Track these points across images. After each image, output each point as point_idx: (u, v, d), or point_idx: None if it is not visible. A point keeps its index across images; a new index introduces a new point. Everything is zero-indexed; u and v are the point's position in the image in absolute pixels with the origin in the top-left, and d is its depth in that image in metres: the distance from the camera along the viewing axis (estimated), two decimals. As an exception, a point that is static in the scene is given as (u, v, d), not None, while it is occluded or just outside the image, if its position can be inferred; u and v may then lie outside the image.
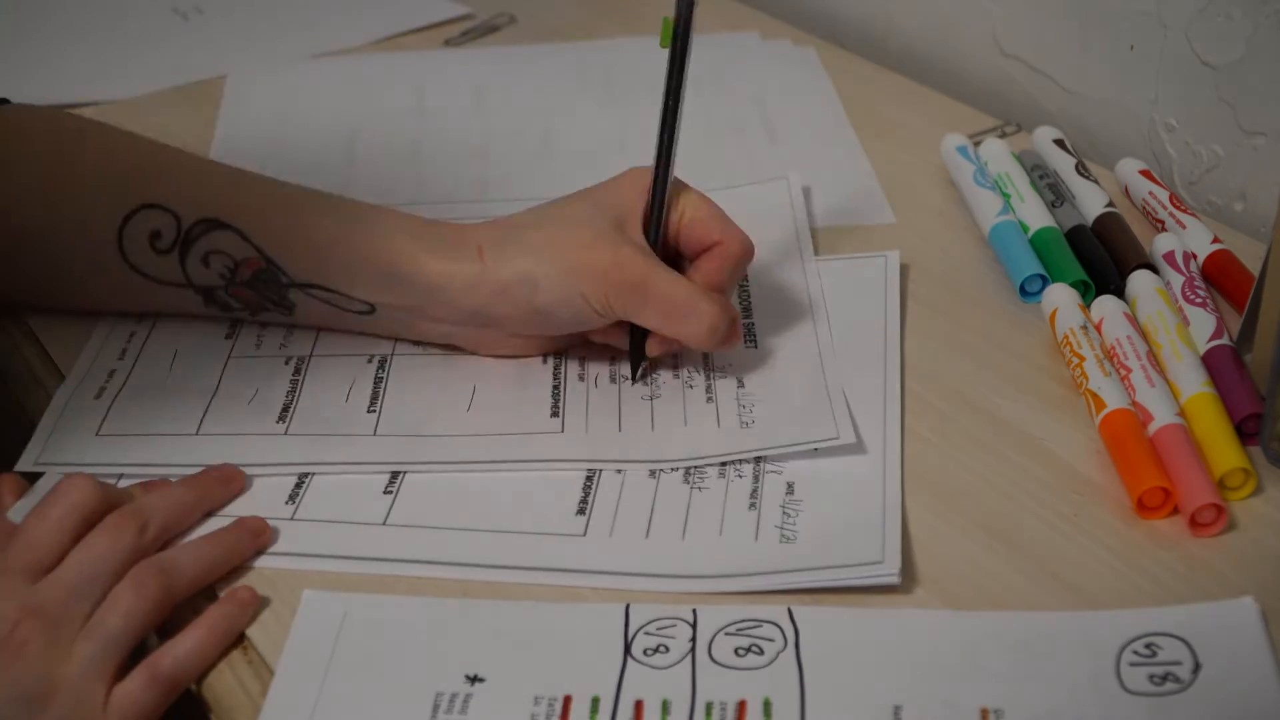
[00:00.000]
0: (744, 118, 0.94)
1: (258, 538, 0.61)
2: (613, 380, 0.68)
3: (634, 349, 0.68)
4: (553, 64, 1.03)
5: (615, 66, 1.02)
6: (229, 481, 0.63)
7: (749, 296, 0.73)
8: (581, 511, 0.62)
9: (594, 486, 0.63)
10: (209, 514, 0.62)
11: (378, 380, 0.69)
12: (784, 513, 0.61)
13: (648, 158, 0.78)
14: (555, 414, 0.66)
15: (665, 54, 0.65)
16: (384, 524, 0.62)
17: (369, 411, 0.67)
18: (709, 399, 0.67)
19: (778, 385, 0.67)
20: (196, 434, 0.66)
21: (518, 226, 0.68)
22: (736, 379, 0.68)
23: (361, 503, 0.63)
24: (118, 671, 0.55)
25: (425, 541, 0.61)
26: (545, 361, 0.69)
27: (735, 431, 0.65)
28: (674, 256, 0.68)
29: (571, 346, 0.71)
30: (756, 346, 0.70)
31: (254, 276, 0.69)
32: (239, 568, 0.60)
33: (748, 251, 0.68)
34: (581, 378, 0.68)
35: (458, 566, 0.60)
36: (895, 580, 0.57)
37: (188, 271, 0.69)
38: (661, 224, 0.67)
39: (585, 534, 0.61)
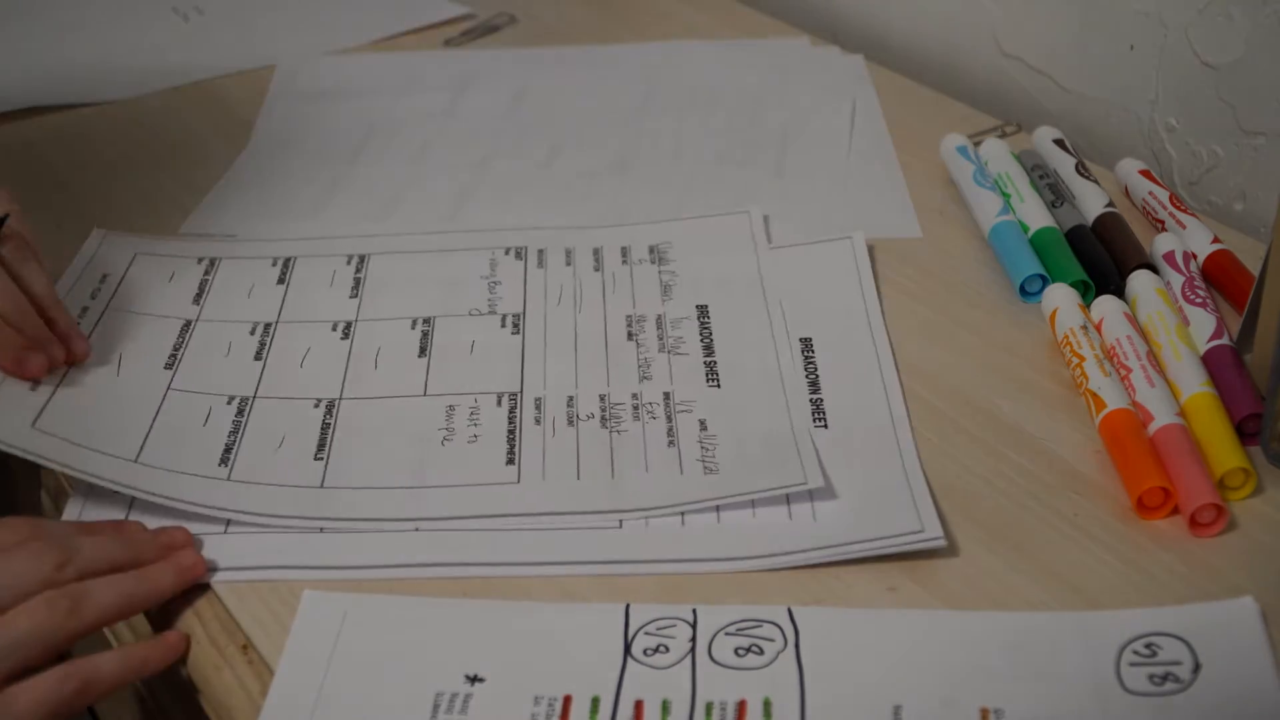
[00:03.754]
0: (784, 126, 0.94)
1: (187, 573, 0.59)
2: (570, 423, 0.66)
3: None
4: (565, 70, 1.03)
5: (626, 74, 1.02)
6: (172, 547, 0.60)
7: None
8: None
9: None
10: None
11: (325, 426, 0.67)
12: (811, 490, 0.62)
13: (650, 179, 0.78)
14: (511, 461, 0.65)
15: (675, 62, 0.64)
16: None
17: (316, 459, 0.65)
18: (670, 442, 0.65)
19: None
20: (135, 461, 0.64)
21: None
22: (699, 420, 0.66)
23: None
24: (11, 678, 0.54)
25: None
26: (500, 403, 0.68)
27: (699, 478, 0.63)
28: None
29: None
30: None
31: None
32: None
33: None
34: (538, 420, 0.67)
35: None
36: (943, 543, 0.58)
37: None
38: None
39: (620, 526, 0.62)
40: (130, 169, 0.90)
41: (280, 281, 0.78)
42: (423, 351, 0.72)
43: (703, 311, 0.74)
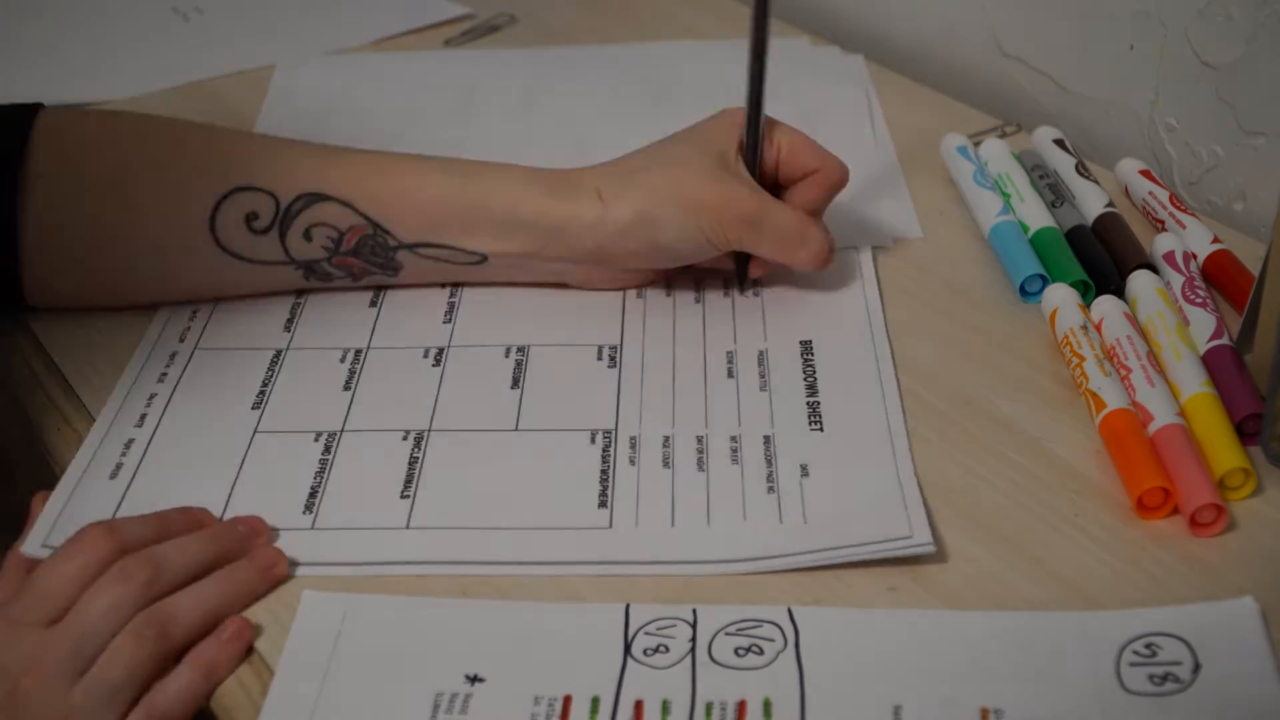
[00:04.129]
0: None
1: (270, 572, 0.59)
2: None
3: (740, 271, 0.75)
4: (568, 70, 1.02)
5: (628, 75, 1.01)
6: (253, 536, 0.60)
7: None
8: (603, 504, 0.62)
9: (611, 478, 0.64)
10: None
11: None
12: (803, 493, 0.62)
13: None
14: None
15: (676, 61, 0.64)
16: (406, 528, 0.62)
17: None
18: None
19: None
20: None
21: (630, 169, 0.72)
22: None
23: (380, 507, 0.63)
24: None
25: (449, 542, 0.61)
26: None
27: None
28: (773, 186, 0.73)
29: (676, 277, 0.76)
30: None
31: (359, 243, 0.71)
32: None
33: (844, 176, 0.73)
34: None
35: (487, 565, 0.60)
36: (932, 549, 0.58)
37: (288, 248, 0.71)
38: (759, 157, 0.72)
39: (611, 526, 0.61)
40: (130, 169, 0.90)
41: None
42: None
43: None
